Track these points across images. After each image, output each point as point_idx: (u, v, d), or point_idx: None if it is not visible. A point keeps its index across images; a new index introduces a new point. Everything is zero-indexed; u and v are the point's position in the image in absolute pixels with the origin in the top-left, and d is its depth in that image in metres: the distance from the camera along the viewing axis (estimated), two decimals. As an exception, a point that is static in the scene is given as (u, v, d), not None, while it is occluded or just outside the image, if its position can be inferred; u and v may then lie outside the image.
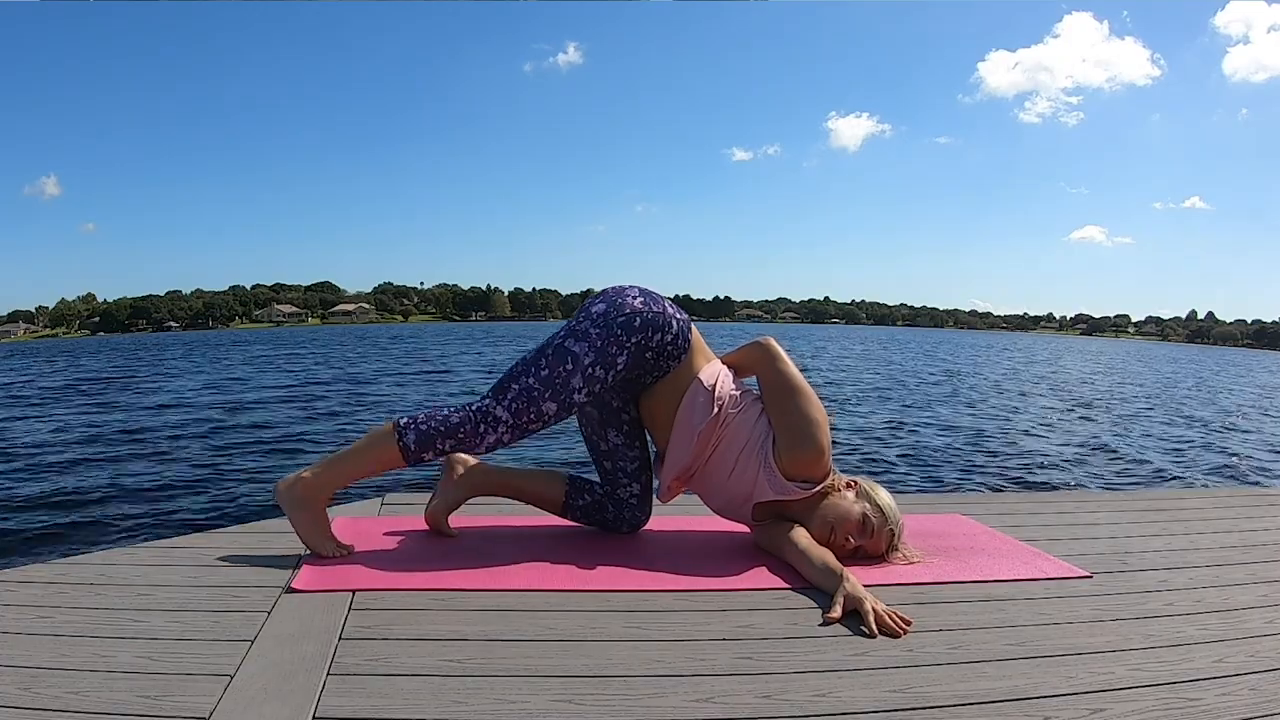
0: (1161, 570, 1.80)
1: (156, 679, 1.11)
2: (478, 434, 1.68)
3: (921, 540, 1.87)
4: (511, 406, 1.69)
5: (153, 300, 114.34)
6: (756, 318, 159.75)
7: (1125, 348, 75.46)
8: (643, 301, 1.75)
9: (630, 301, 1.74)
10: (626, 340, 1.71)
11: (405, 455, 1.68)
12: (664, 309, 1.76)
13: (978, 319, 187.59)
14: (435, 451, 1.69)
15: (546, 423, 1.71)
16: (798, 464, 1.72)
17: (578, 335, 1.72)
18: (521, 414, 1.68)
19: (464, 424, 1.68)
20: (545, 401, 1.69)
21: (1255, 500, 2.71)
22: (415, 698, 1.10)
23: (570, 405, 1.70)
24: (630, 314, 1.72)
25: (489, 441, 1.69)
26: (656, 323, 1.74)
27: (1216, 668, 1.28)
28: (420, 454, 1.68)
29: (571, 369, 1.69)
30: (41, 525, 4.62)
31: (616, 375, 1.73)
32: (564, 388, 1.69)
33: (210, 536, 1.92)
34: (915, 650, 1.31)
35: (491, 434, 1.68)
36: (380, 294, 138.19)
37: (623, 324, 1.71)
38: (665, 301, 1.79)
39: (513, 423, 1.68)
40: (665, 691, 1.15)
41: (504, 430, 1.68)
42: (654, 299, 1.77)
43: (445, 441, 1.68)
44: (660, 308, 1.76)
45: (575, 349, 1.70)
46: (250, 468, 6.35)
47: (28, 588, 1.46)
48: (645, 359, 1.75)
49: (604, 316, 1.73)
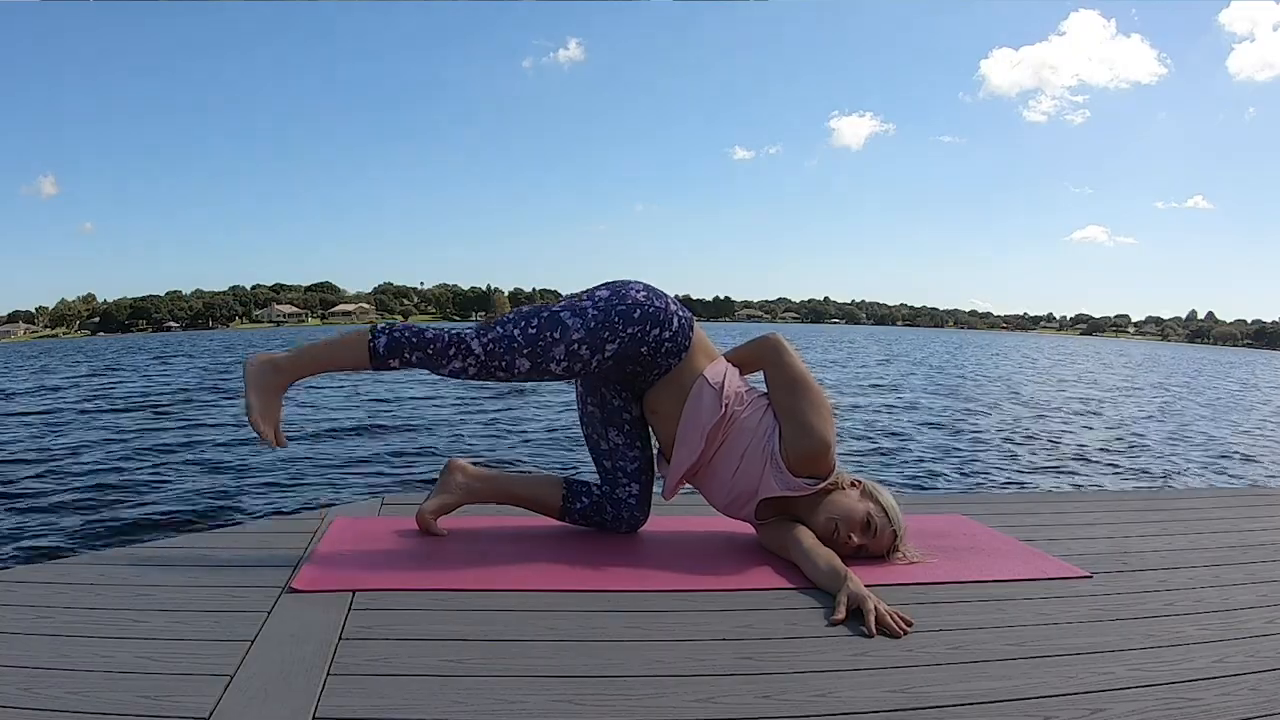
0: (1161, 570, 1.80)
1: (156, 679, 1.11)
2: (446, 356, 1.68)
3: (922, 540, 1.87)
4: (488, 346, 1.69)
5: (153, 300, 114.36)
6: (756, 318, 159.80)
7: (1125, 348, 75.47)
8: (645, 295, 1.75)
9: (633, 294, 1.75)
10: (622, 330, 1.71)
11: (373, 356, 1.67)
12: (666, 305, 1.77)
13: (978, 319, 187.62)
14: (402, 360, 1.68)
15: (514, 376, 1.71)
16: (804, 459, 1.73)
17: (575, 310, 1.72)
18: (494, 357, 1.68)
19: (436, 341, 1.68)
20: (520, 357, 1.69)
21: (1255, 500, 2.72)
22: (415, 698, 1.10)
23: (544, 371, 1.70)
24: (631, 305, 1.72)
25: (453, 367, 1.68)
26: (656, 318, 1.74)
27: (1216, 668, 1.28)
28: (388, 359, 1.68)
29: (557, 339, 1.69)
30: (41, 526, 4.62)
31: (602, 362, 1.72)
32: (543, 354, 1.69)
33: (210, 536, 1.92)
34: (915, 650, 1.31)
35: (458, 361, 1.68)
36: (380, 294, 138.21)
37: (622, 313, 1.71)
38: (669, 298, 1.79)
39: (483, 361, 1.68)
40: (665, 691, 1.15)
41: (471, 363, 1.68)
42: (657, 294, 1.78)
43: (414, 353, 1.68)
44: (663, 304, 1.76)
45: (569, 322, 1.70)
46: (250, 468, 6.35)
47: (28, 588, 1.46)
48: (640, 353, 1.75)
49: (605, 301, 1.73)
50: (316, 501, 5.11)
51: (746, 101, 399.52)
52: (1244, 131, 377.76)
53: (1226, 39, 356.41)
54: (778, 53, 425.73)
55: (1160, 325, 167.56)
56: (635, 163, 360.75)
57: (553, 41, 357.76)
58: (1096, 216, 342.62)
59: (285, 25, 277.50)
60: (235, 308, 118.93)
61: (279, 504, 5.18)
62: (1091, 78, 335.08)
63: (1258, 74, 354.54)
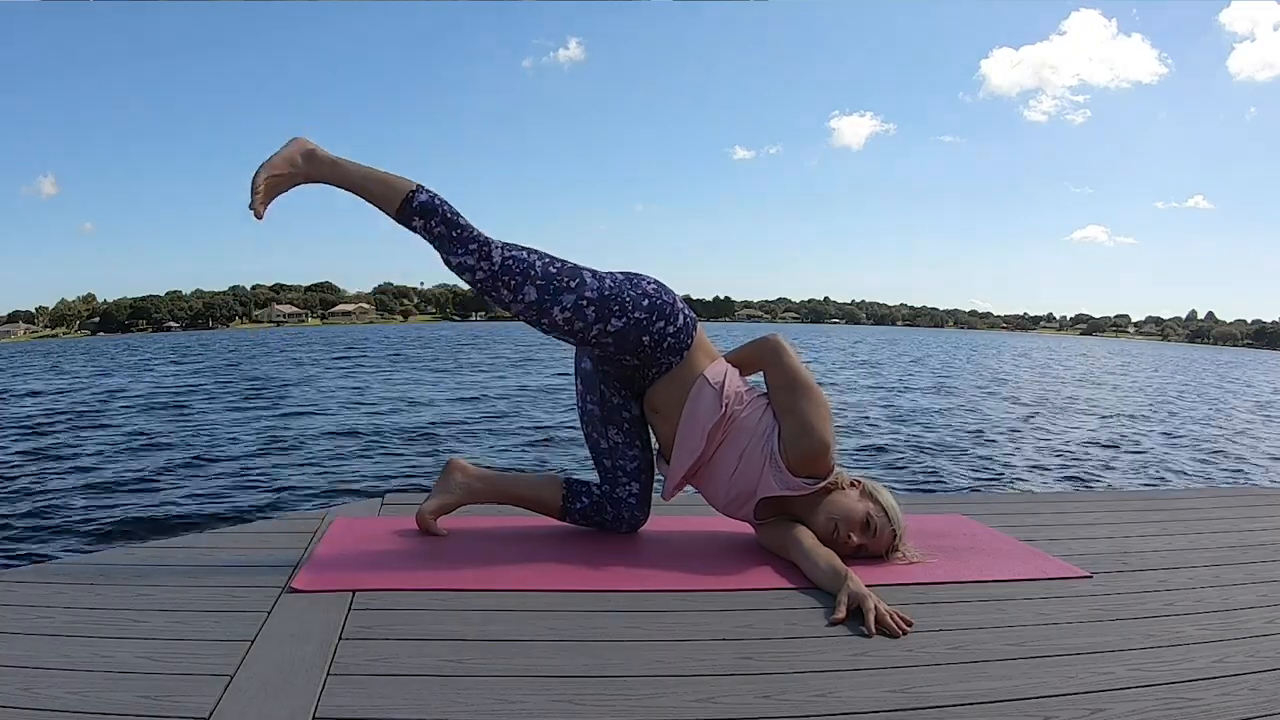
0: (1161, 570, 1.80)
1: (156, 679, 1.11)
2: (465, 245, 1.69)
3: (922, 540, 1.87)
4: (506, 260, 1.70)
5: (153, 300, 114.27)
6: (756, 318, 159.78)
7: (1125, 347, 75.50)
8: (655, 288, 1.79)
9: (645, 284, 1.79)
10: (631, 310, 1.73)
11: (405, 203, 1.68)
12: (674, 301, 1.80)
13: (978, 319, 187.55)
14: (426, 225, 1.69)
15: (514, 303, 1.71)
16: (804, 459, 1.73)
17: (597, 275, 1.76)
18: (507, 272, 1.70)
19: (465, 229, 1.70)
20: (530, 285, 1.70)
21: (1255, 500, 2.72)
22: (415, 698, 1.10)
23: (543, 313, 1.71)
24: (641, 293, 1.76)
25: (465, 261, 1.69)
26: (664, 311, 1.77)
27: (1216, 668, 1.28)
28: (415, 215, 1.68)
29: (572, 288, 1.71)
30: (42, 526, 4.62)
31: (601, 335, 1.73)
32: (553, 295, 1.70)
33: (210, 536, 1.92)
34: (915, 650, 1.31)
35: (473, 258, 1.69)
36: (380, 294, 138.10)
37: (633, 296, 1.75)
38: (677, 295, 1.83)
39: (495, 271, 1.69)
40: (665, 691, 1.15)
41: (484, 267, 1.69)
42: (667, 290, 1.81)
43: (440, 224, 1.69)
44: (671, 298, 1.80)
45: (587, 279, 1.73)
46: (250, 468, 6.35)
47: (28, 588, 1.46)
48: (642, 343, 1.75)
49: (621, 281, 1.77)
50: (317, 502, 5.12)
51: (746, 101, 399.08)
52: (1244, 131, 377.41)
53: (1227, 39, 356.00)
54: (778, 53, 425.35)
55: (1160, 325, 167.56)
56: (635, 163, 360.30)
57: (553, 41, 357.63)
58: (1096, 216, 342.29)
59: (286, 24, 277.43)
60: (235, 308, 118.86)
61: (279, 504, 5.18)
62: (1092, 77, 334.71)
63: (1258, 74, 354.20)
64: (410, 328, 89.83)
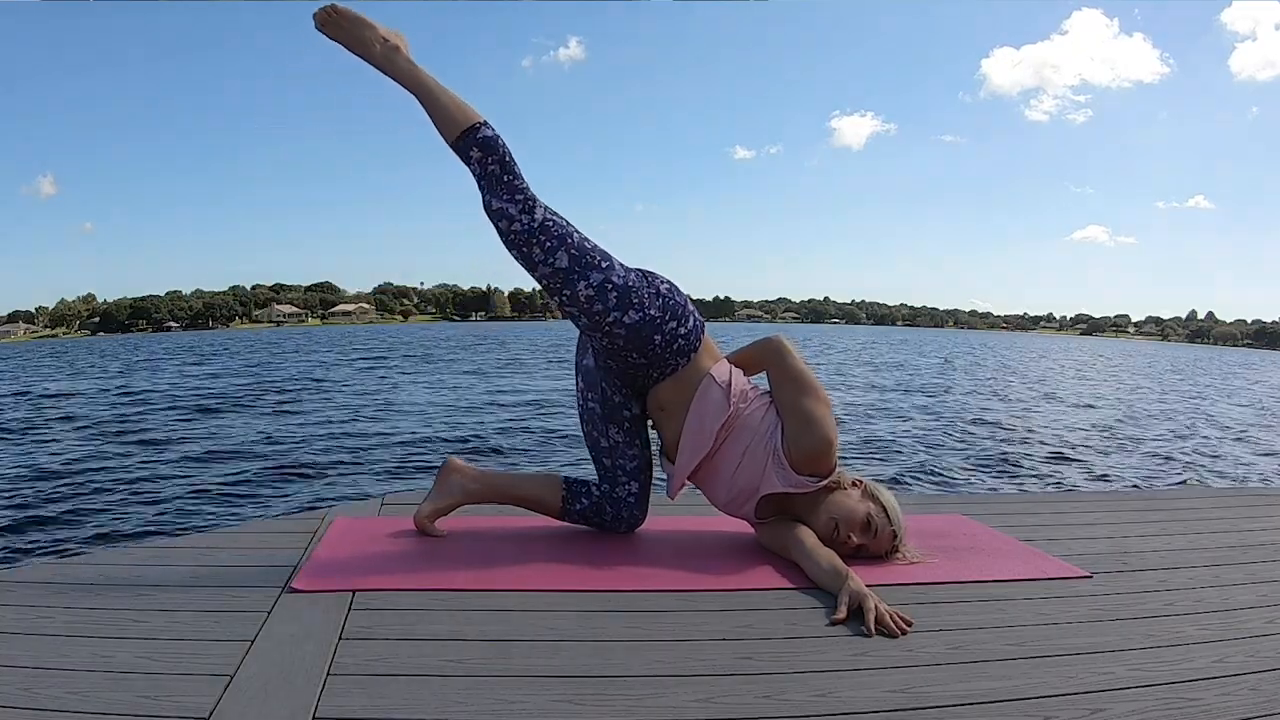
0: (1161, 570, 1.80)
1: (156, 679, 1.11)
2: (512, 192, 1.72)
3: (922, 540, 1.87)
4: (546, 221, 1.73)
5: (153, 300, 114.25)
6: (756, 318, 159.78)
7: (1125, 347, 75.53)
8: (669, 289, 1.82)
9: (660, 284, 1.81)
10: (648, 306, 1.76)
11: (469, 132, 1.72)
12: (685, 303, 1.83)
13: (978, 319, 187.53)
14: (483, 161, 1.72)
15: (546, 260, 1.73)
16: (807, 456, 1.73)
17: (624, 266, 1.79)
18: (545, 232, 1.73)
19: (517, 178, 1.73)
20: (564, 251, 1.73)
21: (1254, 500, 2.71)
22: (415, 698, 1.10)
23: (567, 284, 1.73)
24: (657, 292, 1.79)
25: (508, 209, 1.72)
26: (677, 311, 1.79)
27: (1216, 668, 1.28)
28: (476, 145, 1.72)
29: (602, 267, 1.75)
30: (41, 526, 4.62)
31: (618, 323, 1.75)
32: (583, 268, 1.74)
33: (210, 536, 1.92)
34: (915, 650, 1.31)
35: (515, 208, 1.72)
36: (380, 294, 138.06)
37: (650, 293, 1.77)
38: (688, 298, 1.85)
39: (533, 227, 1.72)
40: (665, 691, 1.15)
41: (524, 220, 1.72)
42: (679, 291, 1.84)
43: (496, 164, 1.73)
44: (683, 300, 1.83)
45: (616, 267, 1.77)
46: (250, 469, 6.35)
47: (28, 588, 1.46)
48: (653, 341, 1.76)
49: (639, 277, 1.80)
50: (316, 501, 5.12)
51: (746, 101, 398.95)
52: (1245, 131, 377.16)
53: (1229, 38, 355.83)
54: (778, 53, 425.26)
55: (1160, 325, 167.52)
56: (635, 163, 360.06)
57: (553, 40, 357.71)
58: (1097, 216, 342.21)
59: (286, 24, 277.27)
60: (235, 308, 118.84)
61: (279, 504, 5.18)
62: (1093, 77, 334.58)
63: (1259, 73, 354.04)
64: (413, 328, 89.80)
